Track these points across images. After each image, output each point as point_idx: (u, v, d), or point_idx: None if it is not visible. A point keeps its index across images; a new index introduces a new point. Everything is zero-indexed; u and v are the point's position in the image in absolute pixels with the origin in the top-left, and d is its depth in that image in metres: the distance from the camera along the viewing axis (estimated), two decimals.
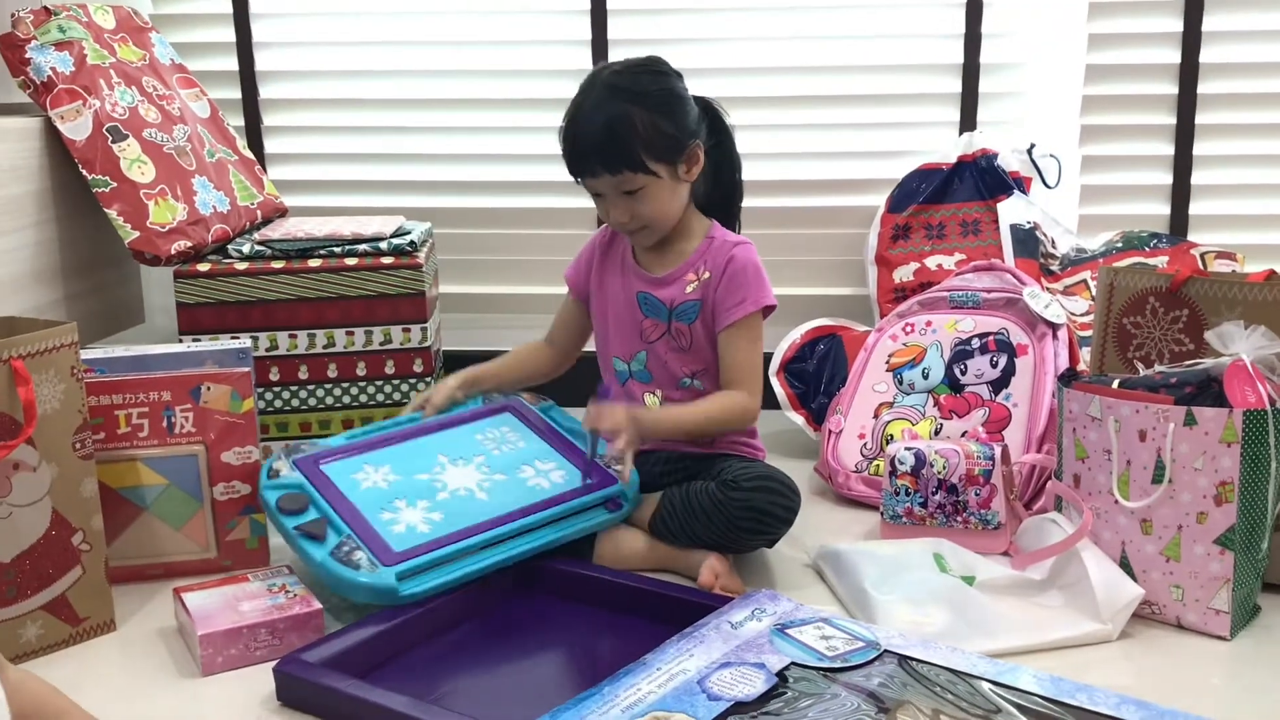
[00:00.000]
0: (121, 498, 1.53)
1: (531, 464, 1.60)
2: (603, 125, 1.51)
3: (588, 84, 1.58)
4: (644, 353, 1.65)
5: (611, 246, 1.69)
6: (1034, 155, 2.18)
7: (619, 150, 1.52)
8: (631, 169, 1.52)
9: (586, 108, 1.54)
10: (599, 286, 1.69)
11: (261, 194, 2.11)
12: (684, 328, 1.62)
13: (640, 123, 1.51)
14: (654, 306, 1.64)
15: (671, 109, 1.55)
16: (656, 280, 1.63)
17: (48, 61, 1.81)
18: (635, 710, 1.13)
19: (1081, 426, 1.45)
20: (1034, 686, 1.19)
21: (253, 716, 1.23)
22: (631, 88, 1.54)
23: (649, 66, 1.59)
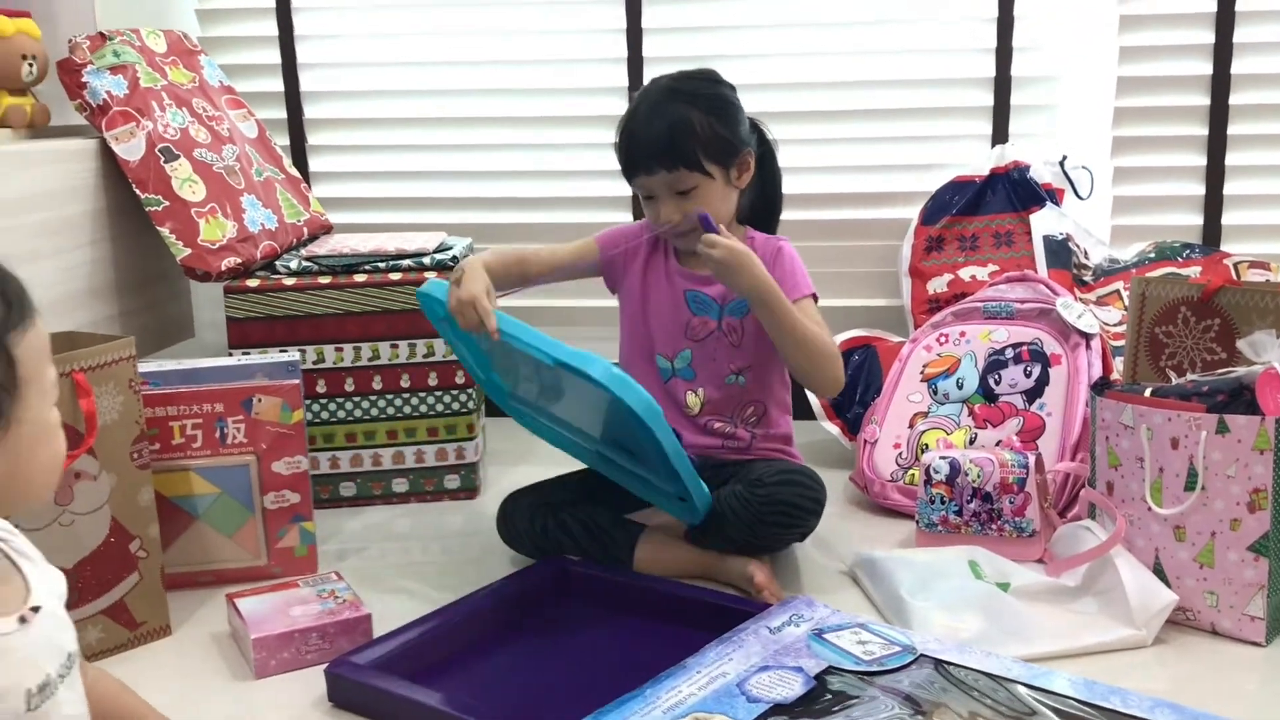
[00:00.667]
0: (175, 506, 1.57)
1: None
2: (663, 124, 1.57)
3: (645, 89, 1.66)
4: (689, 350, 1.67)
5: (658, 244, 1.72)
6: (1066, 167, 2.20)
7: (678, 148, 1.56)
8: (688, 167, 1.57)
9: (645, 109, 1.60)
10: (641, 285, 1.71)
11: (308, 211, 2.17)
12: (736, 322, 1.65)
13: (698, 123, 1.57)
14: (704, 304, 1.67)
15: (728, 114, 1.61)
16: (704, 278, 1.66)
17: (103, 85, 1.87)
18: (676, 711, 1.16)
19: (1114, 435, 1.47)
20: (1068, 690, 1.21)
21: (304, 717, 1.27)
22: (691, 91, 1.60)
23: (706, 75, 1.66)
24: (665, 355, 1.69)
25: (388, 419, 1.94)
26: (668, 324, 1.69)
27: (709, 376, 1.67)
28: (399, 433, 1.94)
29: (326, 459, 1.93)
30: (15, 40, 1.83)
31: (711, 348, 1.67)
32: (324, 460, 1.93)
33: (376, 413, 1.94)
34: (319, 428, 1.92)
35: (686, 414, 1.68)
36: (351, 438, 1.94)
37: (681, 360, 1.68)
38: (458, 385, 1.95)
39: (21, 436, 0.79)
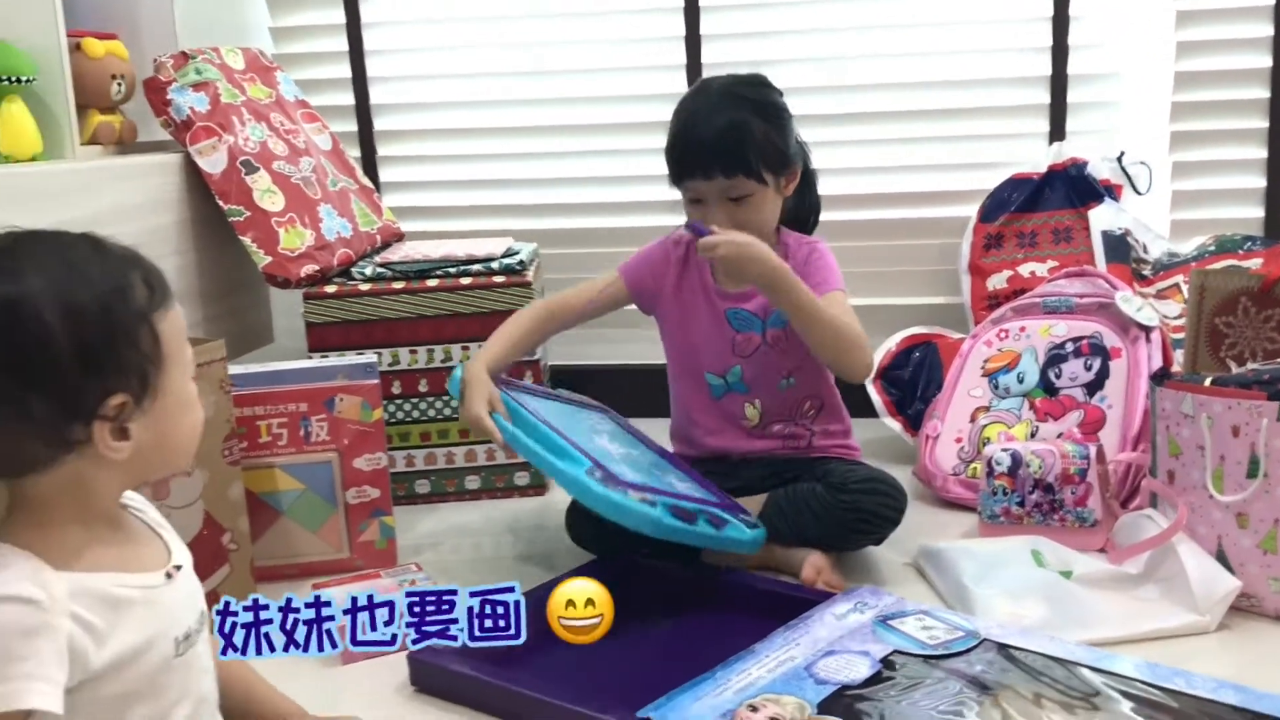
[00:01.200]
0: (262, 502, 1.65)
1: (668, 478, 1.62)
2: (724, 128, 1.55)
3: (698, 91, 1.63)
4: (739, 366, 1.69)
5: (688, 263, 1.71)
6: (1124, 163, 2.21)
7: (739, 154, 1.55)
8: (746, 174, 1.56)
9: (705, 111, 1.58)
10: (678, 306, 1.71)
11: (380, 220, 2.24)
12: (779, 332, 1.66)
13: (758, 130, 1.56)
14: (746, 320, 1.68)
15: (783, 123, 1.62)
16: (741, 295, 1.67)
17: (186, 101, 1.96)
18: (746, 693, 1.20)
19: (1174, 424, 1.49)
20: (1132, 671, 1.24)
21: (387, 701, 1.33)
22: (752, 98, 1.59)
23: (761, 80, 1.65)
24: (715, 373, 1.70)
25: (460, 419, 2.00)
26: (714, 343, 1.69)
27: (763, 386, 1.69)
28: (470, 432, 2.00)
29: (402, 457, 2.00)
30: (105, 61, 1.92)
31: (760, 360, 1.68)
32: (400, 459, 1.99)
33: (450, 412, 2.00)
34: (394, 427, 1.99)
35: (745, 426, 1.71)
36: (426, 437, 2.01)
37: (733, 375, 1.70)
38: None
39: (166, 407, 0.86)
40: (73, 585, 0.81)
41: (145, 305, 0.85)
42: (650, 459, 1.65)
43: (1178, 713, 1.16)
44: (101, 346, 0.81)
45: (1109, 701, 1.18)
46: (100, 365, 0.81)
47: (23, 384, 0.79)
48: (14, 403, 0.79)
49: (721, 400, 1.71)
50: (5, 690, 0.77)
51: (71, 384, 0.80)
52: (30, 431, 0.81)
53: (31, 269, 0.81)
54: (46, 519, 0.84)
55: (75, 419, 0.81)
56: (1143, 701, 1.18)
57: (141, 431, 0.85)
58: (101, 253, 0.86)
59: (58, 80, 1.79)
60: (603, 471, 1.45)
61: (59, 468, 0.83)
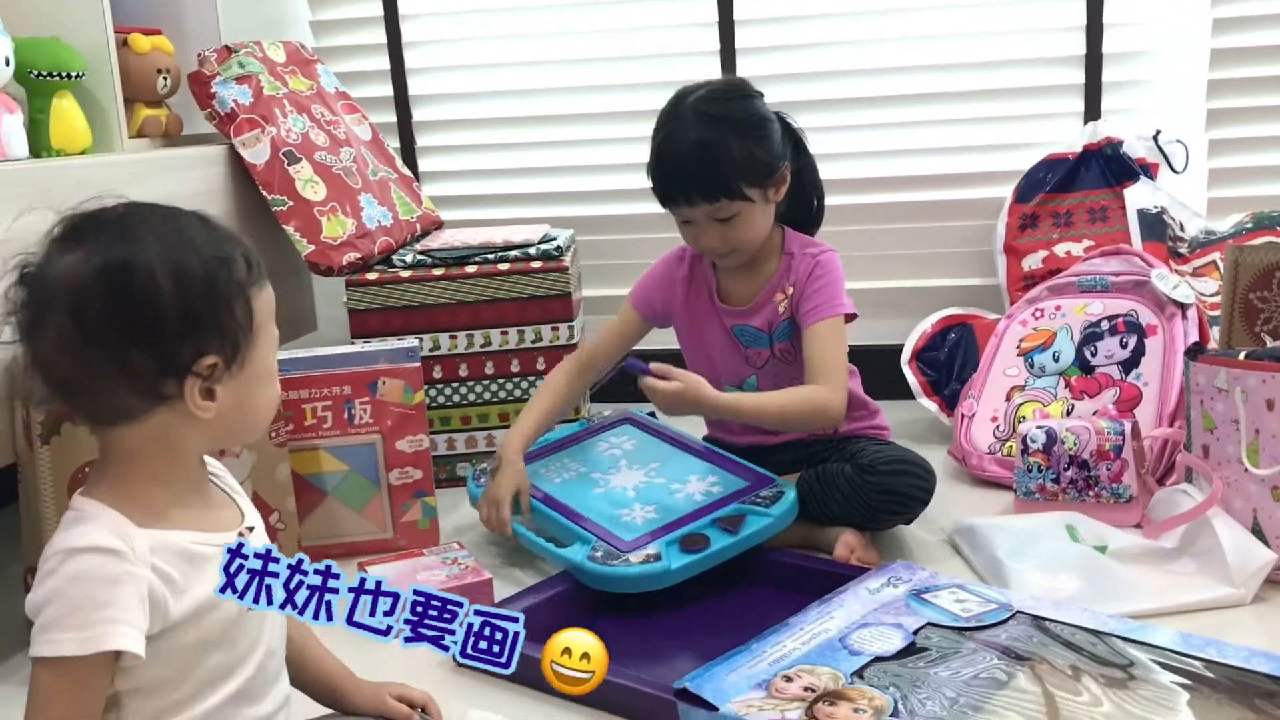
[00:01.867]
0: (308, 483, 1.69)
1: (689, 477, 1.67)
2: (699, 154, 1.51)
3: (673, 110, 1.58)
4: (754, 376, 1.71)
5: (692, 281, 1.71)
6: (1160, 141, 2.20)
7: (716, 179, 1.52)
8: (729, 197, 1.53)
9: (678, 136, 1.53)
10: (689, 319, 1.72)
11: (420, 209, 2.28)
12: (786, 345, 1.67)
13: (735, 150, 1.52)
14: (753, 336, 1.68)
15: (763, 133, 1.56)
16: (746, 311, 1.67)
17: (230, 94, 2.00)
18: (781, 664, 1.22)
19: (1209, 398, 1.49)
20: (1165, 642, 1.25)
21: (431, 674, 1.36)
22: (724, 116, 1.53)
23: (736, 90, 1.59)
24: (732, 384, 1.71)
25: (499, 402, 2.04)
26: (727, 358, 1.70)
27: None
28: (510, 415, 2.04)
29: (443, 441, 2.04)
30: (150, 56, 1.96)
31: (773, 372, 1.69)
32: (441, 442, 2.03)
33: (489, 396, 2.04)
34: (435, 411, 2.02)
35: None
36: (466, 420, 2.04)
37: (749, 385, 1.71)
38: None
39: (250, 376, 0.91)
40: (153, 540, 0.86)
41: (244, 279, 0.91)
42: (670, 470, 1.68)
43: (1213, 682, 1.16)
44: (203, 310, 0.87)
45: (1145, 671, 1.19)
46: (199, 327, 0.87)
47: (128, 337, 0.85)
48: (118, 354, 0.85)
49: None
50: (92, 634, 0.82)
51: (171, 341, 0.86)
52: (128, 382, 0.86)
53: (147, 233, 0.87)
54: (133, 474, 0.89)
55: (169, 374, 0.87)
56: (1178, 671, 1.19)
57: (226, 395, 0.89)
58: (209, 227, 0.92)
59: (106, 75, 1.84)
60: (605, 546, 1.50)
61: (148, 420, 0.88)
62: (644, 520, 1.57)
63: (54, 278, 0.85)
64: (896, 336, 2.19)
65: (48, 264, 0.86)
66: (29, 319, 0.86)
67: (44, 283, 0.86)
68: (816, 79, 2.38)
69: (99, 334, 0.84)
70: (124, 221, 0.88)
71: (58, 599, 0.82)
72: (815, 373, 1.59)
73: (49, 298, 0.85)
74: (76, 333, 0.84)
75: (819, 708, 1.13)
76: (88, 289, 0.84)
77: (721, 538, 1.51)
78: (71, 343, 0.84)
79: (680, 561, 1.47)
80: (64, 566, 0.83)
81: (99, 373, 0.85)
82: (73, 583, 0.83)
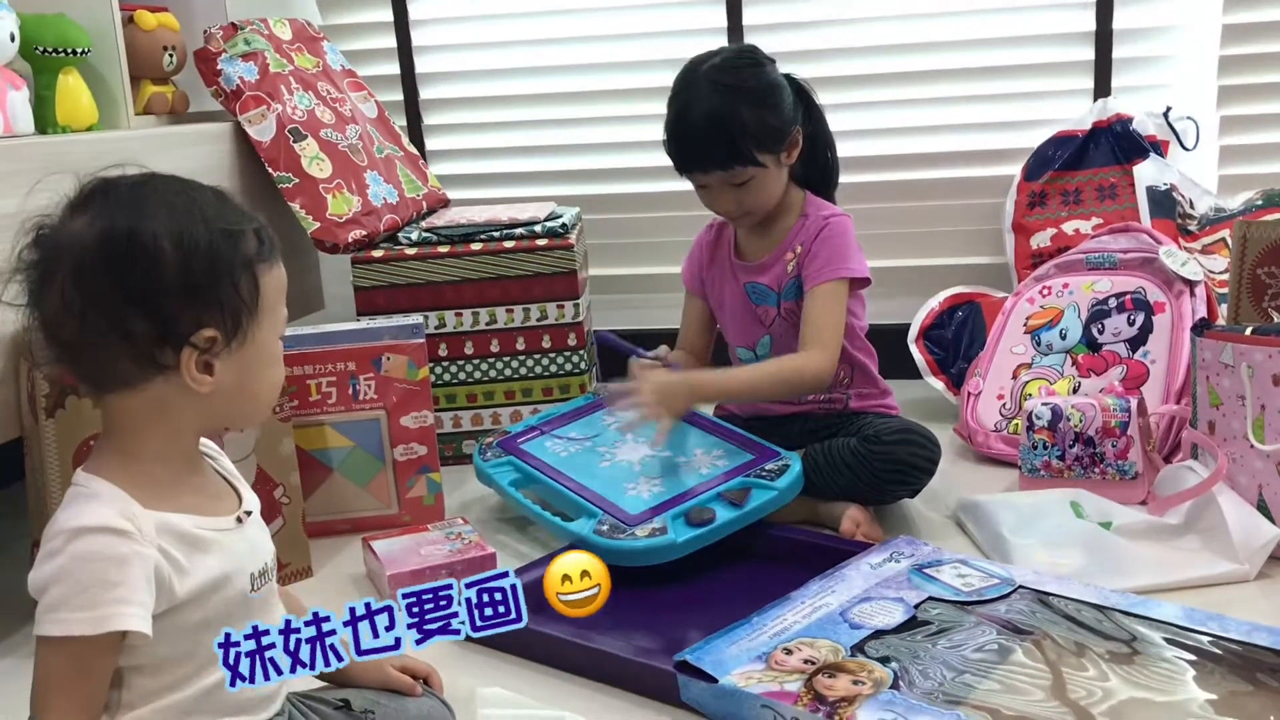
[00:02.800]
0: (313, 459, 1.69)
1: (694, 450, 1.68)
2: (712, 123, 1.56)
3: (687, 80, 1.62)
4: (767, 337, 1.72)
5: (717, 245, 1.77)
6: (1170, 118, 2.18)
7: (730, 147, 1.57)
8: (742, 164, 1.58)
9: (693, 106, 1.58)
10: (712, 284, 1.77)
11: (426, 186, 2.28)
12: (793, 305, 1.68)
13: (748, 117, 1.56)
14: (762, 293, 1.70)
15: (775, 99, 1.60)
16: (758, 267, 1.70)
17: (236, 71, 2.00)
18: (782, 637, 1.23)
19: (1215, 374, 1.49)
20: (1167, 616, 1.24)
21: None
22: (736, 84, 1.58)
23: (747, 57, 1.63)
24: (746, 347, 1.74)
25: (505, 380, 2.04)
26: (741, 316, 1.73)
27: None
28: (516, 393, 2.04)
29: (449, 418, 2.04)
30: (157, 33, 1.96)
31: (778, 333, 1.71)
32: (447, 420, 2.04)
33: (495, 374, 2.04)
34: (441, 389, 2.03)
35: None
36: (472, 398, 2.05)
37: (763, 347, 1.73)
38: (570, 347, 2.04)
39: (252, 355, 0.91)
40: (156, 521, 0.87)
41: (253, 254, 0.90)
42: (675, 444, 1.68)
43: (1217, 657, 1.16)
44: (205, 280, 0.87)
45: (1149, 646, 1.19)
46: (200, 297, 0.87)
47: (128, 301, 0.85)
48: (116, 318, 0.85)
49: None
50: (101, 614, 0.82)
51: (171, 309, 0.86)
52: (125, 348, 0.86)
53: (157, 201, 0.87)
54: (135, 450, 0.89)
55: (167, 343, 0.86)
56: (1182, 646, 1.18)
57: (225, 371, 0.89)
58: (223, 200, 0.92)
59: (112, 52, 1.84)
60: (611, 520, 1.51)
61: (146, 390, 0.88)
62: (650, 494, 1.57)
63: (62, 239, 0.86)
64: (903, 315, 2.19)
65: (59, 225, 0.87)
66: (37, 280, 0.87)
67: (53, 244, 0.86)
68: (823, 56, 2.36)
69: (99, 296, 0.85)
70: (136, 189, 0.88)
71: (65, 578, 0.82)
72: (806, 338, 1.62)
73: (56, 259, 0.86)
74: (78, 295, 0.85)
75: (818, 680, 1.13)
76: (90, 251, 0.85)
77: (727, 511, 1.51)
78: (74, 305, 0.85)
79: (686, 535, 1.47)
80: (71, 546, 0.83)
81: (99, 336, 0.85)
82: (81, 562, 0.83)
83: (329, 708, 1.03)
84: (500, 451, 1.74)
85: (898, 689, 1.11)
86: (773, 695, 1.11)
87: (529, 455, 1.71)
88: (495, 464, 1.71)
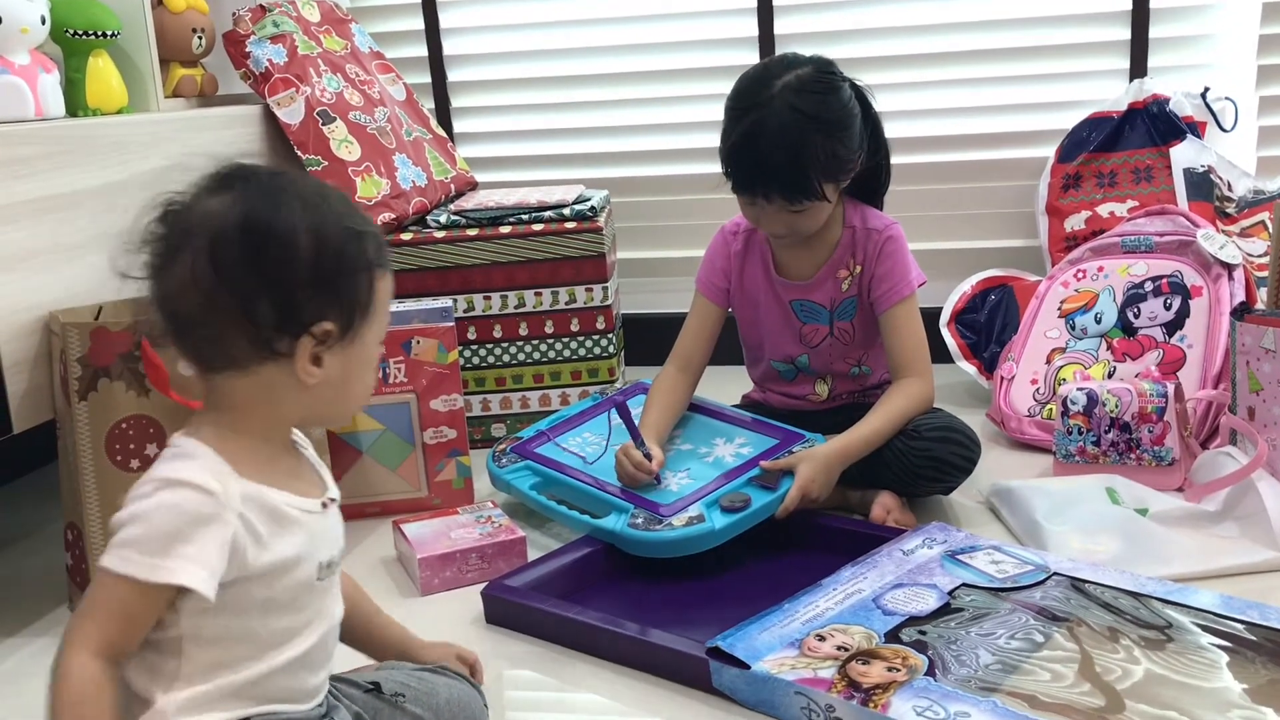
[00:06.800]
0: (343, 442, 1.69)
1: (715, 440, 1.66)
2: (786, 152, 1.48)
3: (757, 94, 1.52)
4: (806, 356, 1.70)
5: (747, 255, 1.70)
6: (1208, 99, 2.15)
7: (800, 179, 1.50)
8: (809, 198, 1.52)
9: (765, 128, 1.49)
10: (742, 291, 1.71)
11: (454, 169, 2.27)
12: (847, 325, 1.66)
13: (821, 150, 1.50)
14: (812, 312, 1.67)
15: (848, 128, 1.53)
16: (807, 285, 1.66)
17: (265, 54, 2.00)
18: (814, 624, 1.22)
19: (1255, 359, 1.46)
20: (1204, 604, 1.23)
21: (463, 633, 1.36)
22: (818, 114, 1.50)
23: (826, 83, 1.53)
24: (779, 361, 1.72)
25: (534, 363, 2.04)
26: (781, 332, 1.70)
27: (832, 372, 1.71)
28: (545, 376, 2.03)
29: (478, 402, 2.04)
30: (186, 16, 1.96)
31: (827, 352, 1.69)
32: (475, 403, 2.03)
33: (524, 357, 2.03)
34: (470, 372, 2.02)
35: (814, 400, 1.73)
36: (501, 381, 2.04)
37: (801, 362, 1.71)
38: (599, 330, 2.03)
39: (356, 355, 0.93)
40: (246, 491, 0.87)
41: (372, 257, 0.93)
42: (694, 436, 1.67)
43: (1255, 645, 1.15)
44: (331, 274, 0.89)
45: (1184, 633, 1.17)
46: (324, 290, 0.89)
47: (259, 285, 0.87)
48: (245, 299, 0.87)
49: (794, 382, 1.74)
50: (164, 564, 0.83)
51: (297, 297, 0.88)
52: (246, 330, 0.87)
53: (293, 193, 0.90)
54: (234, 427, 0.90)
55: (287, 330, 0.88)
56: (1217, 634, 1.17)
57: (331, 366, 0.91)
58: (349, 205, 0.95)
59: (141, 35, 1.83)
60: (645, 513, 1.49)
61: (255, 374, 0.89)
62: (679, 485, 1.56)
63: (198, 217, 0.87)
64: (935, 299, 2.16)
65: (194, 203, 0.88)
66: (164, 253, 0.88)
67: (187, 221, 0.87)
68: (855, 37, 2.34)
69: (232, 276, 0.86)
70: (275, 179, 0.90)
71: (144, 520, 0.84)
72: (899, 366, 1.61)
73: (189, 235, 0.87)
74: (211, 272, 0.86)
75: (852, 666, 1.12)
76: (230, 231, 0.86)
77: (761, 495, 1.50)
78: (203, 280, 0.86)
79: (724, 521, 1.46)
80: (159, 494, 0.84)
81: (223, 314, 0.87)
82: (163, 510, 0.84)
83: (359, 690, 1.03)
84: (515, 457, 1.72)
85: (932, 676, 1.10)
86: (806, 682, 1.10)
87: (546, 459, 1.69)
88: (512, 470, 1.69)
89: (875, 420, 1.57)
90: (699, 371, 1.72)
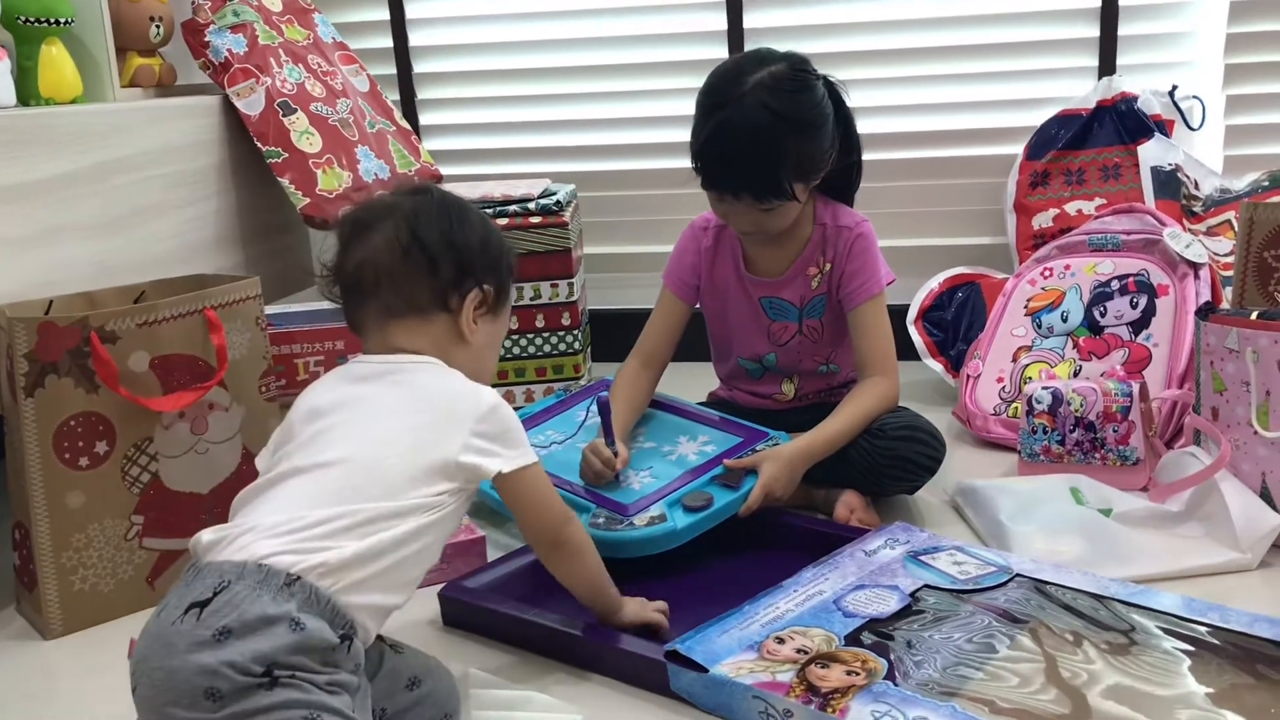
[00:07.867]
0: None
1: (678, 439, 1.64)
2: (756, 152, 1.46)
3: (729, 91, 1.48)
4: (773, 354, 1.68)
5: (717, 252, 1.67)
6: (1176, 97, 2.15)
7: (770, 179, 1.48)
8: (779, 198, 1.50)
9: (735, 125, 1.46)
10: (711, 287, 1.69)
11: (418, 162, 2.24)
12: (816, 323, 1.65)
13: (793, 149, 1.47)
14: (782, 309, 1.65)
15: (820, 129, 1.51)
16: (776, 283, 1.64)
17: (224, 43, 1.97)
18: (774, 626, 1.20)
19: (1219, 359, 1.46)
20: (1166, 606, 1.22)
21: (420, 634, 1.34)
22: (790, 113, 1.47)
23: (800, 81, 1.49)
24: (747, 359, 1.70)
25: (499, 359, 2.01)
26: (750, 330, 1.68)
27: (800, 370, 1.70)
28: (509, 373, 2.01)
29: None
30: (143, 4, 1.92)
31: (795, 349, 1.67)
32: None
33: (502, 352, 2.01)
34: None
35: (780, 400, 1.72)
36: None
37: (769, 361, 1.69)
38: (564, 326, 2.01)
39: (494, 332, 1.17)
40: None
41: (512, 259, 1.19)
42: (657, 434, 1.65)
43: (1216, 648, 1.14)
44: (493, 252, 1.15)
45: (1147, 636, 1.17)
46: (486, 262, 1.14)
47: (447, 246, 1.11)
48: (435, 255, 1.10)
49: (761, 380, 1.72)
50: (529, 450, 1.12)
51: (469, 263, 1.12)
52: (430, 281, 1.10)
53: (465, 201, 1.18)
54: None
55: (457, 289, 1.11)
56: (1180, 637, 1.16)
57: (480, 332, 1.14)
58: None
59: (97, 22, 1.80)
60: (606, 513, 1.47)
61: (431, 323, 1.11)
62: (640, 484, 1.54)
63: (399, 203, 1.12)
64: (902, 296, 2.15)
65: (391, 199, 1.14)
66: (365, 226, 1.10)
67: (385, 206, 1.12)
68: (824, 32, 2.33)
69: (427, 237, 1.10)
70: (439, 192, 1.17)
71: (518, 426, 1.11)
72: (865, 364, 1.60)
73: (392, 210, 1.11)
74: (409, 233, 1.09)
75: (811, 670, 1.11)
76: (429, 205, 1.12)
77: (724, 494, 1.48)
78: (402, 238, 1.09)
79: (686, 521, 1.44)
80: (506, 407, 1.10)
81: (414, 266, 1.09)
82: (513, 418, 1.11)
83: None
84: None
85: (892, 680, 1.08)
86: (764, 686, 1.09)
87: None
88: None
89: (840, 419, 1.56)
90: (662, 367, 1.69)
